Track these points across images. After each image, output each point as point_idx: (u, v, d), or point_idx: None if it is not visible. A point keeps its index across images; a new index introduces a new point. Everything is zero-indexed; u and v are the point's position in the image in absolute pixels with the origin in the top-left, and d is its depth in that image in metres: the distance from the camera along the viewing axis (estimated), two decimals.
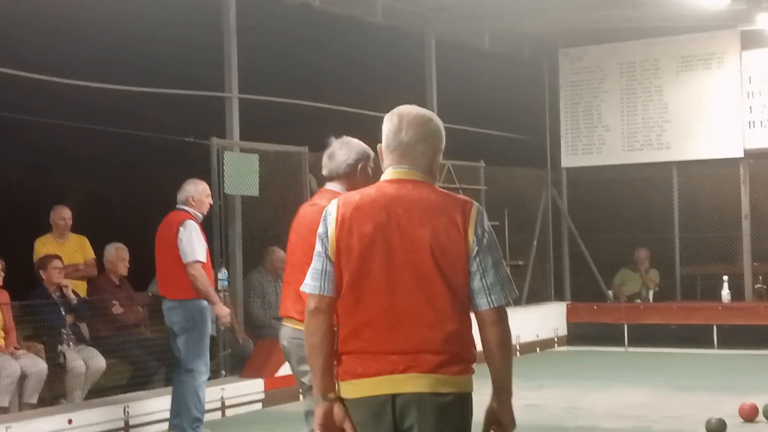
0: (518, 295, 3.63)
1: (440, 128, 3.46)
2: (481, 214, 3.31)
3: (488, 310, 3.27)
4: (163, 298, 8.07)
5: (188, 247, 7.78)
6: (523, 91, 14.83)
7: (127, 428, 8.29)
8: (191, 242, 7.78)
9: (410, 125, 3.36)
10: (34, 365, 8.21)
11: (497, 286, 3.27)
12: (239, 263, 10.27)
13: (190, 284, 7.79)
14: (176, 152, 10.95)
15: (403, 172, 3.36)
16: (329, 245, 3.30)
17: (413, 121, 3.37)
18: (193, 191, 8.07)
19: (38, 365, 8.26)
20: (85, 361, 8.65)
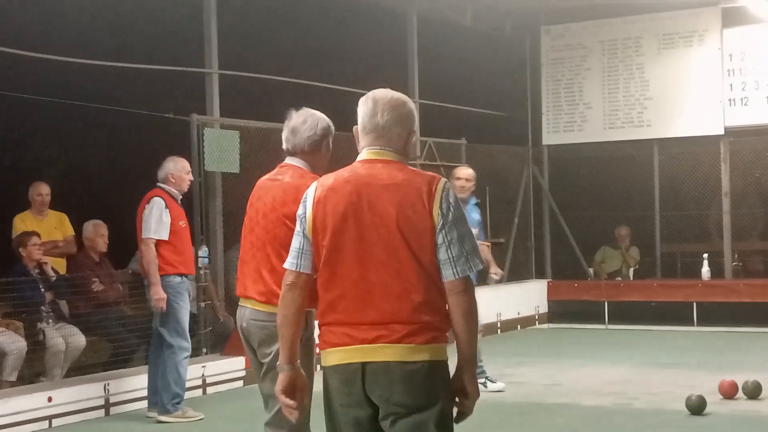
0: (484, 266, 3.77)
1: (414, 111, 3.63)
2: (446, 189, 3.45)
3: (454, 280, 3.40)
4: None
5: (145, 223, 7.89)
6: (504, 68, 14.79)
7: (107, 406, 8.28)
8: (149, 219, 7.87)
9: (386, 108, 3.52)
10: (13, 343, 8.18)
11: (462, 257, 3.40)
12: (220, 240, 10.26)
13: (163, 261, 7.85)
14: (156, 129, 10.88)
15: (375, 152, 3.54)
16: (307, 225, 3.51)
17: (388, 104, 3.54)
18: (172, 168, 8.07)
19: (17, 343, 8.23)
20: (64, 338, 8.63)
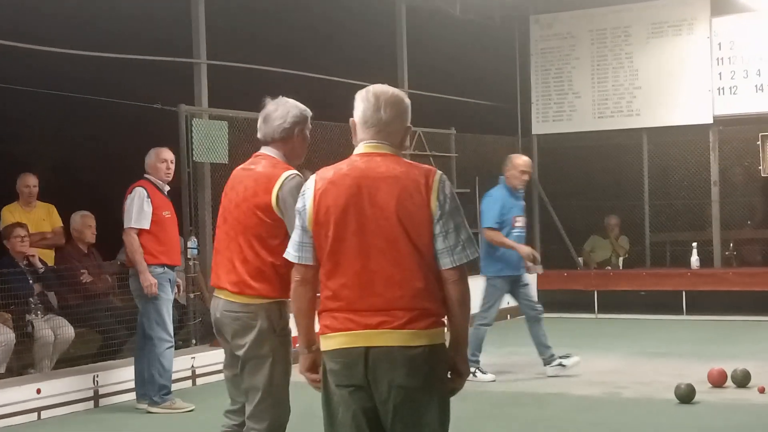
0: (479, 255, 3.98)
1: (409, 106, 3.80)
2: (443, 181, 3.60)
3: (450, 269, 3.56)
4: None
5: (126, 213, 7.89)
6: (494, 58, 14.75)
7: (96, 397, 8.25)
8: (130, 209, 7.87)
9: (387, 104, 3.68)
10: (1, 335, 8.16)
11: (458, 246, 3.56)
12: (209, 231, 10.20)
13: (145, 251, 7.84)
14: (144, 119, 10.83)
15: (373, 146, 3.68)
16: (307, 218, 3.64)
17: (389, 100, 3.69)
18: (149, 159, 8.08)
19: (6, 335, 8.21)
20: (53, 330, 8.60)
